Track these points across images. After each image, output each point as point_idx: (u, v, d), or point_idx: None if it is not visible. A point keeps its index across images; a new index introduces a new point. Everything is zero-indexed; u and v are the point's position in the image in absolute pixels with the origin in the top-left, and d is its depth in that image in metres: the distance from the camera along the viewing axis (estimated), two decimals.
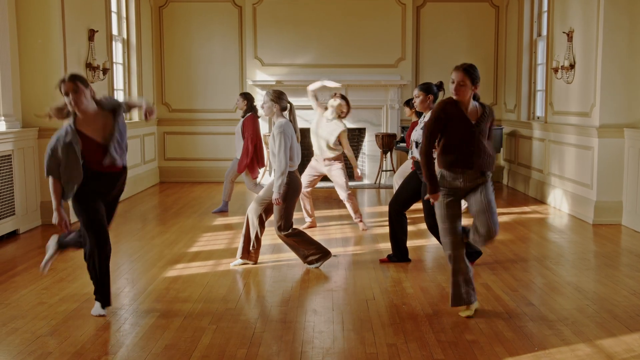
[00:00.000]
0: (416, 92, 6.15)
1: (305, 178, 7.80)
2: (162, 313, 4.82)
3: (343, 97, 7.79)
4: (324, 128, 7.74)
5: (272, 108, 5.94)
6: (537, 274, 5.91)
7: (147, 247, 7.00)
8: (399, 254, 6.30)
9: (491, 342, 4.22)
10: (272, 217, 6.16)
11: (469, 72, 4.55)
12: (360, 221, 7.85)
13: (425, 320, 4.66)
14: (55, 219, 4.63)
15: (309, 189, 7.91)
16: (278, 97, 5.94)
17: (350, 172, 9.30)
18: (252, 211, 6.13)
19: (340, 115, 7.75)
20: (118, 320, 4.66)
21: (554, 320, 4.63)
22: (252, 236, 6.12)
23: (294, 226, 6.02)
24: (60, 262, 6.25)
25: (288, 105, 5.99)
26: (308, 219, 7.99)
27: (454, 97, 4.59)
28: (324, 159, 7.73)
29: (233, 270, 6.03)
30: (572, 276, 5.81)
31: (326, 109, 7.80)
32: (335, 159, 7.73)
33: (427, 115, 6.12)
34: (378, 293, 5.29)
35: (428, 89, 6.12)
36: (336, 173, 7.75)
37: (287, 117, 6.00)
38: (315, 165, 7.88)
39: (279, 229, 5.94)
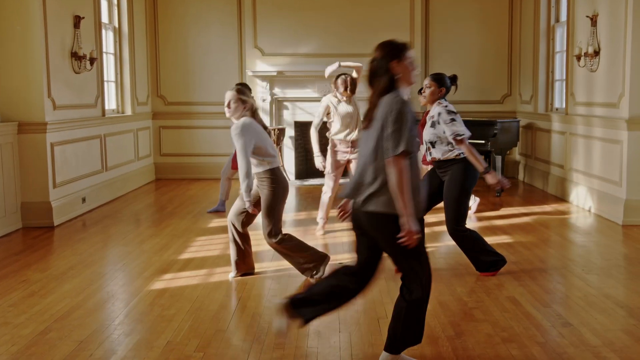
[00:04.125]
0: (427, 81, 5.52)
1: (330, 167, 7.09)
2: (143, 336, 4.17)
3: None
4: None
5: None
6: (569, 284, 5.26)
7: (135, 253, 6.36)
8: None
9: None
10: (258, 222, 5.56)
11: None
12: None
13: (447, 343, 4.01)
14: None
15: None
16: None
17: None
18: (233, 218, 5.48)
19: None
20: (89, 345, 4.02)
21: (598, 345, 3.96)
22: (241, 244, 5.47)
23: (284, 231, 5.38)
24: (36, 272, 5.62)
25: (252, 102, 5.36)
26: (322, 220, 7.24)
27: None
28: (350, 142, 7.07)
29: (227, 281, 5.38)
30: (609, 287, 5.15)
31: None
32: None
33: (434, 109, 5.47)
34: (391, 309, 4.57)
35: (441, 81, 5.49)
36: None
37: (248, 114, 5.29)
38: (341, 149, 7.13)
39: (269, 235, 5.26)
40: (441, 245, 6.65)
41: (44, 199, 7.49)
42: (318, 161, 7.11)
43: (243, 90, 5.35)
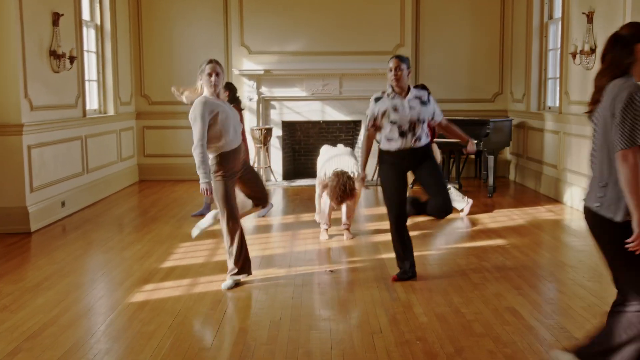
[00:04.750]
0: (396, 63, 5.15)
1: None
2: (121, 355, 3.89)
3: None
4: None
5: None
6: (570, 293, 5.02)
7: (115, 261, 6.07)
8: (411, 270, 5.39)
9: None
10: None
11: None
12: (347, 229, 6.92)
13: None
14: None
15: None
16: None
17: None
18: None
19: None
20: None
21: None
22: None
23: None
24: (8, 283, 5.32)
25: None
26: (326, 225, 6.96)
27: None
28: None
29: (211, 292, 5.10)
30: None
31: None
32: None
33: (417, 91, 5.23)
34: (385, 323, 4.38)
35: (409, 62, 5.28)
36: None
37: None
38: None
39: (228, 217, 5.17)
40: (432, 251, 6.41)
41: (20, 204, 7.17)
42: (317, 217, 7.10)
43: None
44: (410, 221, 5.54)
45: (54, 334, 4.20)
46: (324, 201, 6.86)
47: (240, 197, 7.83)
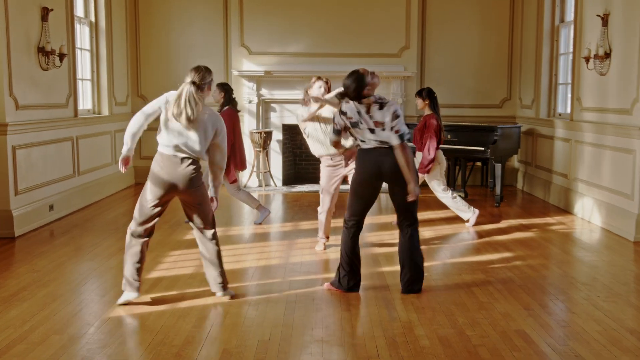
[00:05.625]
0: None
1: (330, 183, 6.35)
2: None
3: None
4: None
5: None
6: (584, 315, 4.64)
7: (100, 270, 5.72)
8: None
9: None
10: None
11: None
12: None
13: None
14: None
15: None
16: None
17: None
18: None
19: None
20: None
21: None
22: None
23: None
24: None
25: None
26: (324, 239, 6.55)
27: None
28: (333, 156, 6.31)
29: (197, 306, 4.74)
30: (631, 319, 4.54)
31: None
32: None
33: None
34: (384, 347, 4.01)
35: None
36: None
37: None
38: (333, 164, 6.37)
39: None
40: (436, 264, 6.04)
41: (3, 207, 6.84)
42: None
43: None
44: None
45: (21, 353, 3.85)
46: (319, 218, 6.47)
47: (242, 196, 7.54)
